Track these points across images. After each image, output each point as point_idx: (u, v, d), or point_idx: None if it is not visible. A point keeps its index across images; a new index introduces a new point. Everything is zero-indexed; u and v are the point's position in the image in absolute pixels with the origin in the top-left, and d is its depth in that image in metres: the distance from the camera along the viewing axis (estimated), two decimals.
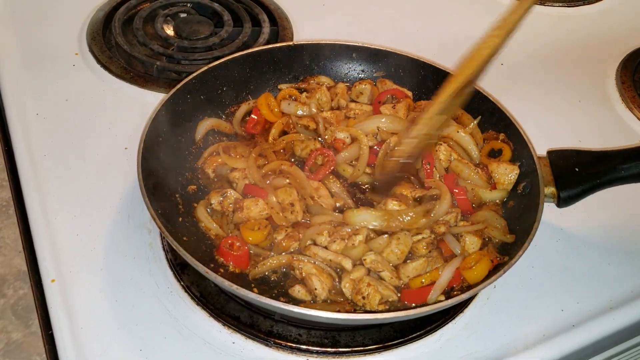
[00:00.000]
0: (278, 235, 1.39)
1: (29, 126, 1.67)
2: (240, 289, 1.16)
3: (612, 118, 1.91)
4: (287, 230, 1.39)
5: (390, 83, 1.72)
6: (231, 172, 1.50)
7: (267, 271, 1.35)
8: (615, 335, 1.41)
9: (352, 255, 1.35)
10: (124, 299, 1.34)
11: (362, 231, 1.36)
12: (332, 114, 1.63)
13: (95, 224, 1.46)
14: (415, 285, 1.31)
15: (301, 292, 1.30)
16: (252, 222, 1.39)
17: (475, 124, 1.61)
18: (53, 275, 1.36)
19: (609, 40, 2.19)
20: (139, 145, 1.39)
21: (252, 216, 1.40)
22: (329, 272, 1.33)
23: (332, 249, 1.35)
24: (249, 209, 1.40)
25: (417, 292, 1.31)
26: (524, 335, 1.36)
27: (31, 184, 1.53)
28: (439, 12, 2.27)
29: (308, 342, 1.30)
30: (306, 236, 1.37)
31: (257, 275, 1.34)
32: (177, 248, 1.21)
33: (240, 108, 1.66)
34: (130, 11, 2.05)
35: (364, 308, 1.28)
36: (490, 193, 1.48)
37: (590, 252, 1.54)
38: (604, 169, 1.39)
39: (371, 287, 1.28)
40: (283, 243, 1.37)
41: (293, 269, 1.34)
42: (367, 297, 1.28)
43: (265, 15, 2.07)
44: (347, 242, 1.35)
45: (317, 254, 1.34)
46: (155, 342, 1.28)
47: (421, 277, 1.31)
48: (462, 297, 1.21)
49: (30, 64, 1.86)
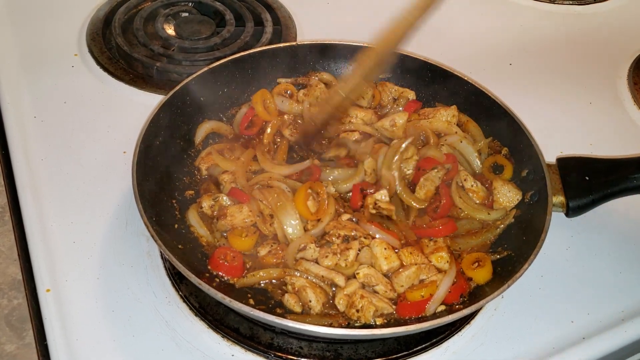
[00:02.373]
0: (262, 249, 1.35)
1: (27, 129, 1.64)
2: (233, 302, 1.13)
3: (624, 120, 1.86)
4: (272, 246, 1.36)
5: (392, 85, 1.68)
6: (221, 174, 1.47)
7: (255, 283, 1.31)
8: (628, 348, 1.37)
9: (344, 270, 1.32)
10: (121, 309, 1.31)
11: (353, 245, 1.33)
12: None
13: (92, 231, 1.43)
14: (413, 298, 1.27)
15: (292, 303, 1.27)
16: (240, 230, 1.37)
17: (485, 142, 1.57)
18: (48, 284, 1.33)
19: (620, 40, 2.14)
20: (135, 148, 1.36)
21: (236, 223, 1.37)
22: (322, 287, 1.30)
23: (324, 264, 1.32)
24: (233, 216, 1.37)
25: (414, 305, 1.27)
26: (533, 348, 1.32)
27: (27, 190, 1.50)
28: (443, 13, 2.21)
29: (309, 356, 1.27)
30: (289, 255, 1.34)
31: (244, 285, 1.30)
32: (170, 257, 1.18)
33: (240, 110, 1.63)
34: (130, 11, 2.01)
35: (359, 321, 1.24)
36: (486, 215, 1.44)
37: (602, 261, 1.49)
38: (616, 178, 1.35)
39: (365, 300, 1.25)
40: (264, 260, 1.34)
41: (285, 283, 1.30)
42: (361, 310, 1.24)
43: (268, 14, 2.04)
44: (339, 258, 1.32)
45: (309, 269, 1.31)
46: (152, 354, 1.25)
47: (420, 291, 1.27)
48: (463, 313, 1.18)
49: (29, 65, 1.82)
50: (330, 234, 1.35)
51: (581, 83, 1.97)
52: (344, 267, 1.32)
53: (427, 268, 1.32)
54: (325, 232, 1.37)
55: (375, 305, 1.25)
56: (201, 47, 1.89)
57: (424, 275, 1.32)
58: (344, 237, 1.35)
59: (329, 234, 1.35)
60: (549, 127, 1.78)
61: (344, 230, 1.35)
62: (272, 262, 1.34)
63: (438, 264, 1.34)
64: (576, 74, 2.01)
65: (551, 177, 1.39)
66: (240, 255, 1.33)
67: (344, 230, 1.35)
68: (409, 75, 1.71)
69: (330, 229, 1.36)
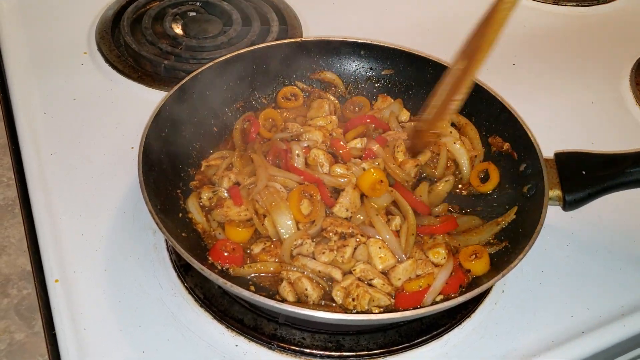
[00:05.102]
0: (255, 247, 1.37)
1: (37, 125, 1.67)
2: (234, 287, 1.15)
3: (626, 120, 1.87)
4: (266, 243, 1.38)
5: (389, 100, 1.70)
6: (218, 174, 1.48)
7: (250, 274, 1.33)
8: (627, 343, 1.38)
9: (341, 265, 1.34)
10: (127, 300, 1.33)
11: (350, 242, 1.35)
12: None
13: (100, 224, 1.46)
14: (411, 288, 1.29)
15: (288, 290, 1.29)
16: (236, 222, 1.39)
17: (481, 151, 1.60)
18: (57, 275, 1.35)
19: (623, 41, 2.16)
20: (141, 139, 1.38)
21: (231, 215, 1.39)
22: (319, 282, 1.32)
23: (321, 260, 1.33)
24: (229, 207, 1.40)
25: (413, 296, 1.29)
26: (533, 341, 1.33)
27: (37, 184, 1.53)
28: (450, 11, 2.24)
29: (312, 346, 1.28)
30: (285, 251, 1.35)
31: (238, 275, 1.32)
32: (172, 242, 1.20)
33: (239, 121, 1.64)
34: (139, 10, 2.04)
35: (356, 310, 1.26)
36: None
37: (601, 256, 1.50)
38: (612, 172, 1.36)
39: (360, 288, 1.27)
40: (258, 257, 1.36)
41: (282, 279, 1.32)
42: (357, 299, 1.26)
43: (274, 14, 2.06)
44: (336, 254, 1.34)
45: (305, 264, 1.32)
46: (158, 344, 1.27)
47: (418, 281, 1.29)
48: (458, 300, 1.20)
49: (39, 62, 1.86)
50: (328, 230, 1.37)
51: (584, 83, 1.99)
52: (341, 263, 1.34)
53: (423, 263, 1.34)
54: (323, 229, 1.39)
55: (371, 295, 1.27)
56: (208, 46, 1.92)
57: (420, 270, 1.34)
58: (340, 234, 1.37)
59: (326, 230, 1.38)
60: (552, 126, 1.79)
61: (341, 227, 1.37)
62: (266, 260, 1.35)
63: (435, 259, 1.36)
64: (579, 74, 2.02)
65: (548, 171, 1.40)
66: (240, 247, 1.35)
67: (341, 228, 1.37)
68: (410, 70, 1.72)
69: (328, 225, 1.38)
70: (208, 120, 1.62)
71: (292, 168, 1.46)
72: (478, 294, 1.23)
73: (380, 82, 1.75)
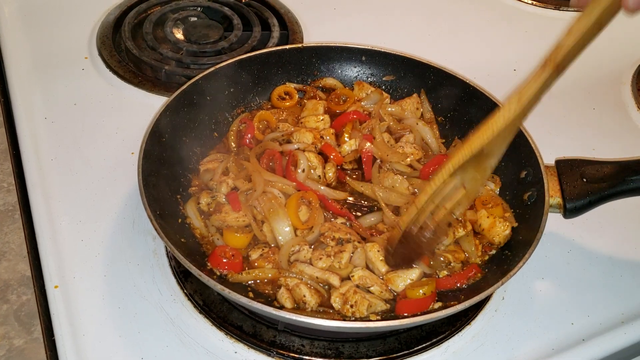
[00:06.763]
0: (253, 253, 1.36)
1: (37, 130, 1.68)
2: (232, 293, 1.15)
3: (627, 126, 1.87)
4: (264, 250, 1.37)
5: (368, 86, 1.71)
6: (215, 179, 1.49)
7: (248, 281, 1.32)
8: (627, 350, 1.37)
9: (338, 271, 1.34)
10: (127, 306, 1.33)
11: (347, 248, 1.35)
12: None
13: (100, 229, 1.46)
14: (413, 295, 1.29)
15: (286, 297, 1.28)
16: (234, 227, 1.39)
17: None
18: (56, 280, 1.35)
19: (624, 47, 2.15)
20: (141, 145, 1.39)
21: (229, 221, 1.39)
22: (317, 288, 1.31)
23: (319, 266, 1.33)
24: (227, 213, 1.40)
25: (416, 303, 1.28)
26: (533, 348, 1.33)
27: (37, 189, 1.53)
28: (450, 17, 2.24)
29: (311, 353, 1.28)
30: (282, 257, 1.35)
31: (237, 281, 1.32)
32: (171, 248, 1.20)
33: (234, 124, 1.64)
34: (140, 15, 2.05)
35: (354, 317, 1.26)
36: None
37: (602, 263, 1.50)
38: (613, 180, 1.35)
39: (358, 294, 1.27)
40: (256, 263, 1.35)
41: (279, 285, 1.32)
42: (355, 305, 1.26)
43: (275, 19, 2.06)
44: (333, 260, 1.34)
45: (303, 271, 1.32)
46: (157, 350, 1.27)
47: (420, 288, 1.29)
48: (457, 308, 1.18)
49: (40, 67, 1.86)
50: (325, 236, 1.37)
51: (585, 89, 1.98)
52: (338, 268, 1.34)
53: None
54: (321, 233, 1.39)
55: (369, 301, 1.27)
56: (209, 51, 1.92)
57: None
58: (337, 239, 1.37)
59: (324, 236, 1.38)
60: (552, 132, 1.79)
61: (339, 233, 1.37)
62: (264, 266, 1.35)
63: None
64: (580, 80, 2.01)
65: (549, 179, 1.40)
66: (239, 253, 1.35)
67: (339, 233, 1.37)
68: (411, 76, 1.72)
69: (325, 230, 1.38)
70: (208, 126, 1.62)
71: (296, 182, 1.47)
72: (478, 301, 1.23)
73: (381, 88, 1.75)
